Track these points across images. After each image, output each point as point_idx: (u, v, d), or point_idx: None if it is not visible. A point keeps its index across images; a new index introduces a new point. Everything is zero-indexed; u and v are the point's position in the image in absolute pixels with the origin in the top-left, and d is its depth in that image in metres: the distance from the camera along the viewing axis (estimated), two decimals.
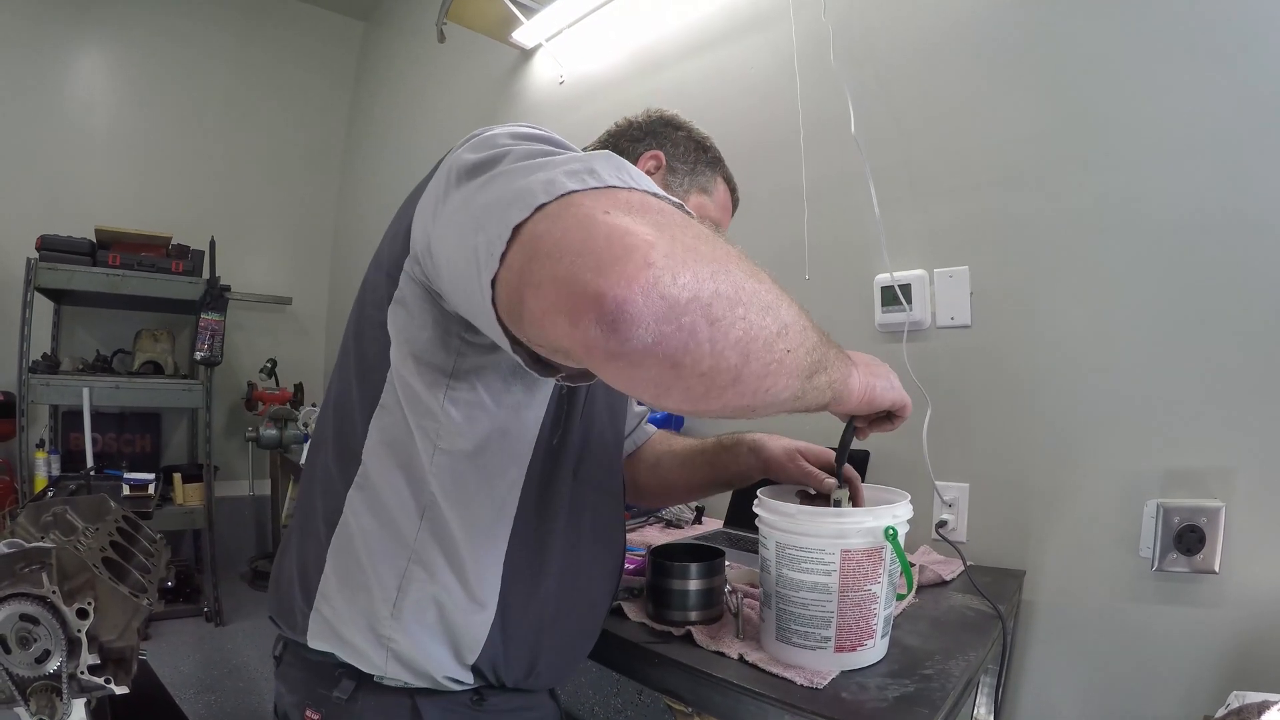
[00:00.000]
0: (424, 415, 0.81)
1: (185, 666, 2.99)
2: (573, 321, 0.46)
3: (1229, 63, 1.26)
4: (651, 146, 1.14)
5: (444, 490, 0.81)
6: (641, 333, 0.45)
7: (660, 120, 1.18)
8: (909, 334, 1.64)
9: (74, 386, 3.29)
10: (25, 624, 0.93)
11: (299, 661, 0.91)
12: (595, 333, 0.45)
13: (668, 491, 1.35)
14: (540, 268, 0.49)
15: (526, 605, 0.87)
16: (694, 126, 1.20)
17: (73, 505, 1.32)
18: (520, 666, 0.88)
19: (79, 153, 3.84)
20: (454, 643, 0.83)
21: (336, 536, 0.85)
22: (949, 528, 1.54)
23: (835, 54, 1.77)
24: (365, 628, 0.82)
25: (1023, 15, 1.52)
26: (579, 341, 0.47)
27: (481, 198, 0.59)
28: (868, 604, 0.91)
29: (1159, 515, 1.27)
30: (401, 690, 0.84)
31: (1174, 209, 1.31)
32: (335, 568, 0.85)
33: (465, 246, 0.59)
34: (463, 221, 0.61)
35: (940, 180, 1.64)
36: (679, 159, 1.15)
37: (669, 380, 0.48)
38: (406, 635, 0.81)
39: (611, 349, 0.46)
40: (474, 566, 0.83)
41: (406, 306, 0.80)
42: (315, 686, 0.87)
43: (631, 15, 2.50)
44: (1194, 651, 1.27)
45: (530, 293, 0.50)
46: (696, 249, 0.48)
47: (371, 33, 4.75)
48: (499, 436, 0.83)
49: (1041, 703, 1.46)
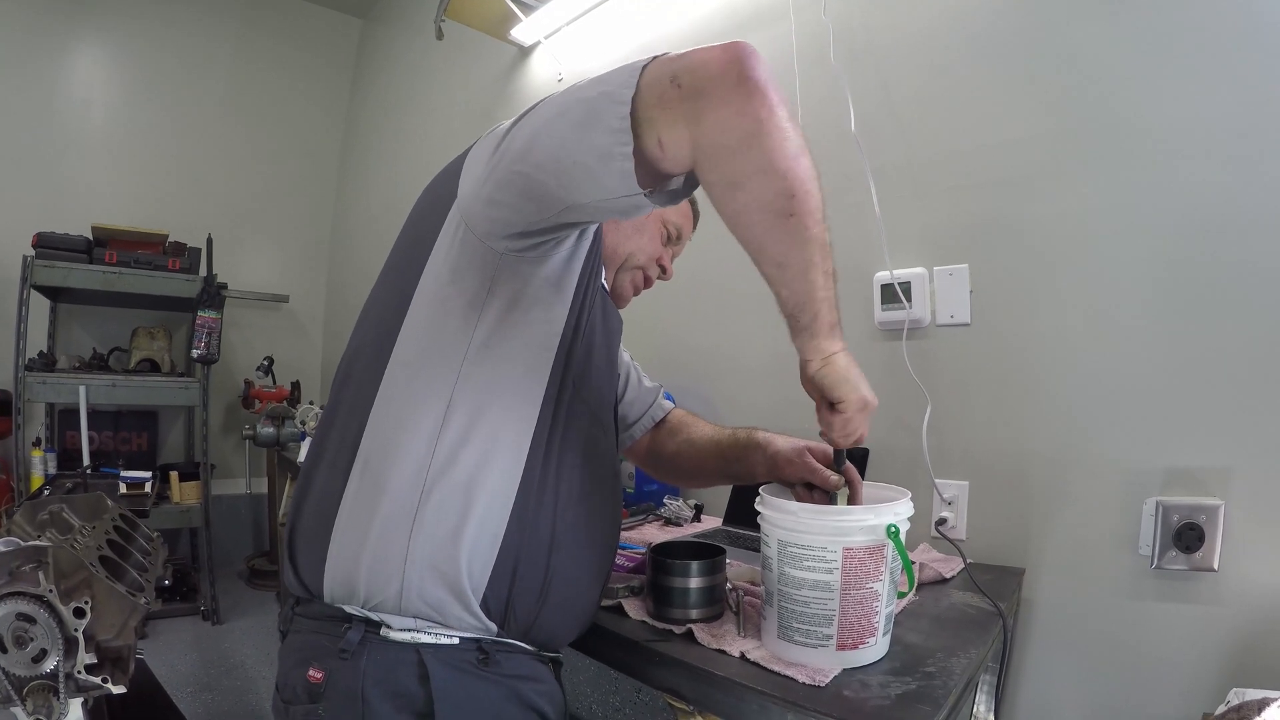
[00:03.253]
0: (460, 317, 0.89)
1: (182, 665, 2.98)
2: (724, 68, 0.71)
3: (1229, 64, 1.26)
4: None
5: (474, 387, 0.88)
6: (761, 77, 0.71)
7: None
8: (909, 332, 1.64)
9: (70, 384, 3.28)
10: (22, 623, 0.92)
11: (307, 621, 0.93)
12: (737, 70, 0.70)
13: (685, 476, 1.41)
14: (684, 67, 0.72)
15: (535, 526, 0.90)
16: None
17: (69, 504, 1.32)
18: (526, 605, 0.90)
19: (76, 150, 3.84)
20: (467, 562, 0.86)
21: (359, 457, 0.89)
22: (949, 525, 1.54)
23: (835, 53, 1.77)
24: (381, 552, 0.85)
25: (1023, 16, 1.52)
26: (729, 69, 0.71)
27: (566, 98, 0.80)
28: (869, 602, 0.91)
29: (1158, 513, 1.27)
30: (408, 646, 0.85)
31: (1173, 209, 1.31)
32: (355, 491, 0.88)
33: (576, 106, 0.78)
34: (559, 108, 0.80)
35: (940, 179, 1.64)
36: None
37: (755, 116, 0.71)
38: (421, 553, 0.85)
39: (744, 74, 0.71)
40: (492, 480, 0.87)
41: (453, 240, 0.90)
42: (321, 642, 0.88)
43: (631, 13, 2.50)
44: (1193, 649, 1.27)
45: (683, 73, 0.72)
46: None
47: (369, 30, 4.74)
48: (524, 345, 0.91)
49: (1041, 700, 1.46)
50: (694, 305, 2.19)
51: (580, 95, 0.78)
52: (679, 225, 1.25)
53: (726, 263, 2.09)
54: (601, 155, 0.75)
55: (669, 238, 1.24)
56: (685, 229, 1.28)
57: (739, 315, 2.06)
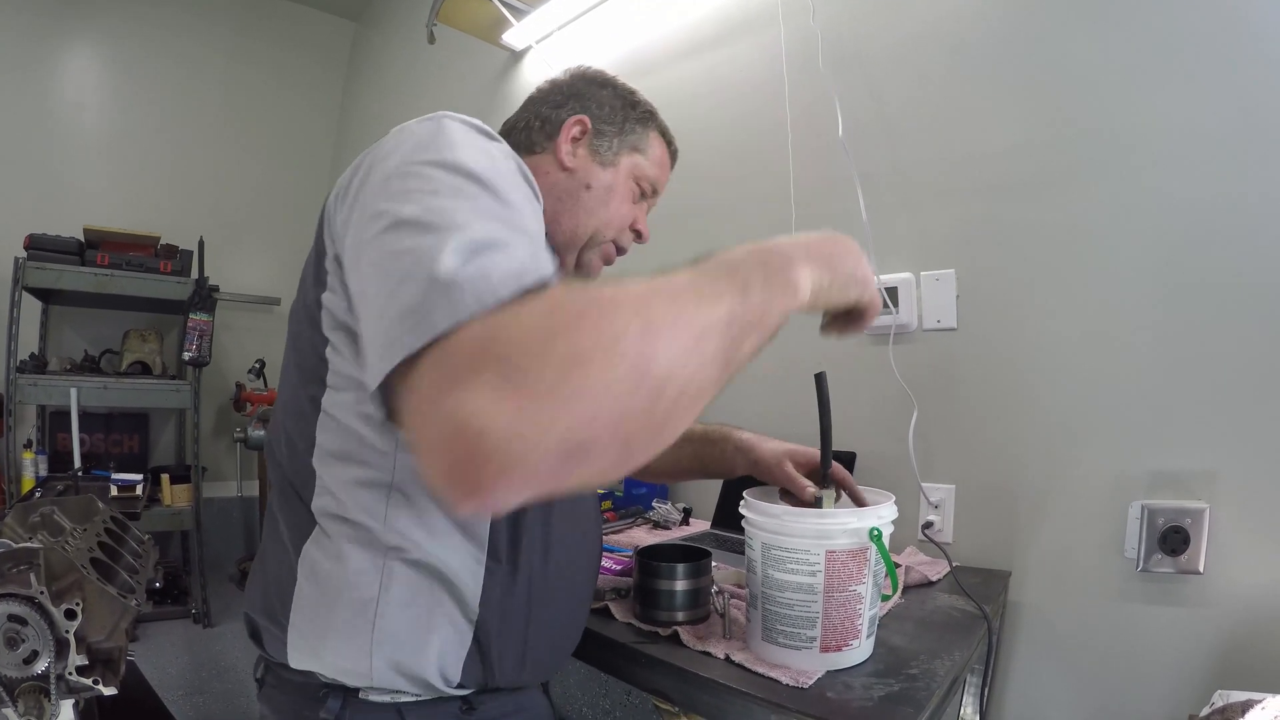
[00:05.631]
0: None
1: (173, 668, 2.97)
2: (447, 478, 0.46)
3: (1217, 71, 1.27)
4: (575, 111, 1.08)
5: (412, 481, 0.78)
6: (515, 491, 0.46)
7: (582, 79, 1.12)
8: (895, 336, 1.65)
9: (61, 386, 3.27)
10: (13, 624, 0.93)
11: (281, 684, 0.88)
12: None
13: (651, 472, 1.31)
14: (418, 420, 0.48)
15: (510, 591, 0.85)
16: (620, 82, 1.14)
17: (60, 506, 1.32)
18: (510, 660, 0.86)
19: (68, 152, 3.83)
20: (442, 638, 0.80)
21: (306, 548, 0.82)
22: (935, 529, 1.55)
23: (824, 59, 1.78)
24: (347, 638, 0.78)
25: (1011, 23, 1.53)
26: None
27: (388, 263, 0.58)
28: (853, 604, 0.92)
29: (1144, 516, 1.29)
30: (389, 706, 0.81)
31: (1160, 216, 1.33)
32: (307, 576, 0.81)
33: (378, 297, 0.57)
34: (374, 270, 0.60)
35: (927, 184, 1.65)
36: (605, 120, 1.09)
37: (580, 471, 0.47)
38: (391, 639, 0.78)
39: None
40: (454, 557, 0.81)
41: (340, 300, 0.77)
42: (300, 709, 0.84)
43: (622, 19, 2.51)
44: (1179, 651, 1.28)
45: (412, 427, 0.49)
46: (560, 385, 0.44)
47: (362, 33, 4.74)
48: None
49: (1027, 702, 1.47)
50: None
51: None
52: (654, 179, 1.13)
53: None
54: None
55: (641, 194, 1.13)
56: (662, 179, 1.15)
57: None
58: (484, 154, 0.66)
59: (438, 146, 0.66)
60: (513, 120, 1.13)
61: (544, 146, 1.08)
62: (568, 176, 1.06)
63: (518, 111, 1.14)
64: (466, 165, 0.63)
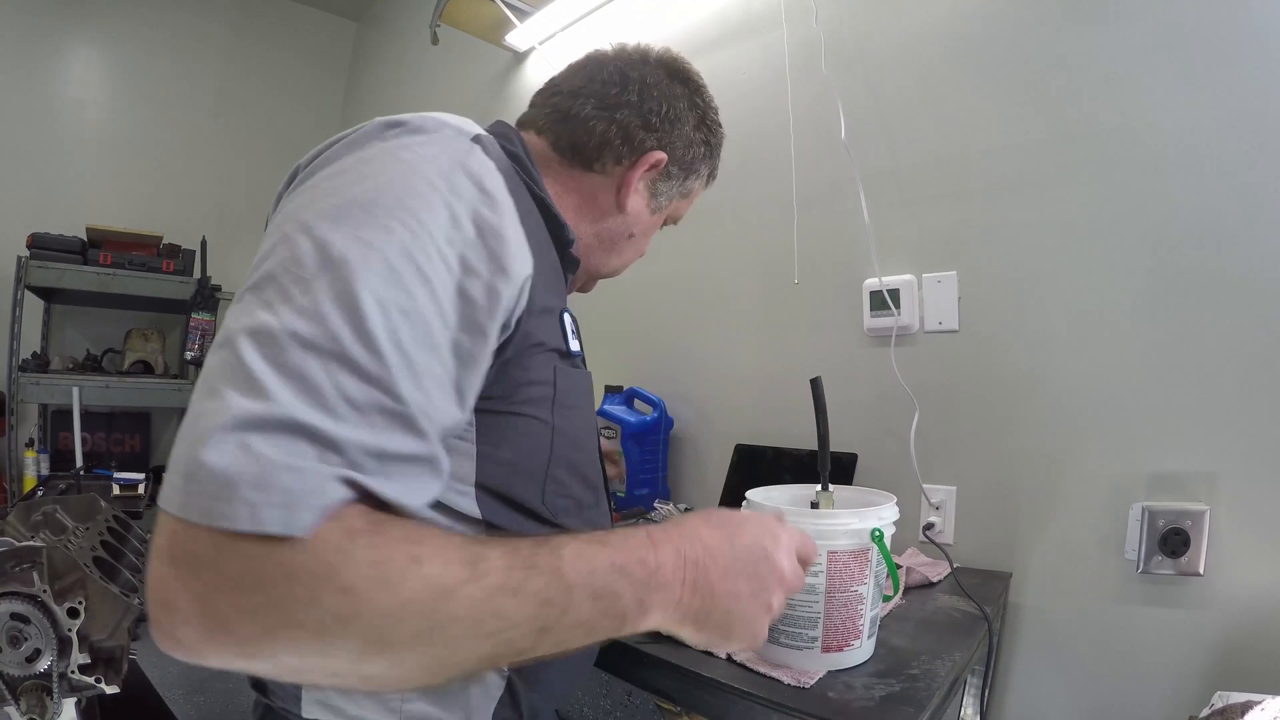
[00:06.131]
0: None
1: (174, 667, 2.95)
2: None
3: (1217, 70, 1.27)
4: (660, 144, 0.96)
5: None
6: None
7: (683, 107, 0.99)
8: (897, 338, 1.65)
9: (64, 385, 3.27)
10: (16, 623, 0.93)
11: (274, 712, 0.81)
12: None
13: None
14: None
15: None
16: (703, 99, 1.03)
17: (63, 505, 1.32)
18: (539, 700, 0.81)
19: (70, 151, 3.82)
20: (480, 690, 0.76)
21: None
22: (936, 530, 1.55)
23: (826, 61, 1.79)
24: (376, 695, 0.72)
25: (1013, 24, 1.53)
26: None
27: (205, 374, 0.51)
28: (854, 605, 0.92)
29: (1144, 518, 1.28)
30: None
31: (1161, 216, 1.33)
32: None
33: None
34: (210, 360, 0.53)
35: (930, 186, 1.65)
36: (678, 162, 0.99)
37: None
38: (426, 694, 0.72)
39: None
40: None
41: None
42: None
43: (624, 20, 2.51)
44: (1179, 652, 1.28)
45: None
46: (256, 642, 0.47)
47: (364, 33, 4.74)
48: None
49: (1027, 703, 1.47)
50: (685, 312, 2.20)
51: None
52: (681, 213, 1.09)
53: (719, 271, 2.11)
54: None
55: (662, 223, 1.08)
56: (686, 209, 1.11)
57: (730, 323, 2.08)
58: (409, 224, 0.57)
59: (349, 201, 0.58)
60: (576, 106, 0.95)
61: (609, 170, 0.95)
62: (618, 219, 0.97)
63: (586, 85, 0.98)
64: (354, 263, 0.54)
